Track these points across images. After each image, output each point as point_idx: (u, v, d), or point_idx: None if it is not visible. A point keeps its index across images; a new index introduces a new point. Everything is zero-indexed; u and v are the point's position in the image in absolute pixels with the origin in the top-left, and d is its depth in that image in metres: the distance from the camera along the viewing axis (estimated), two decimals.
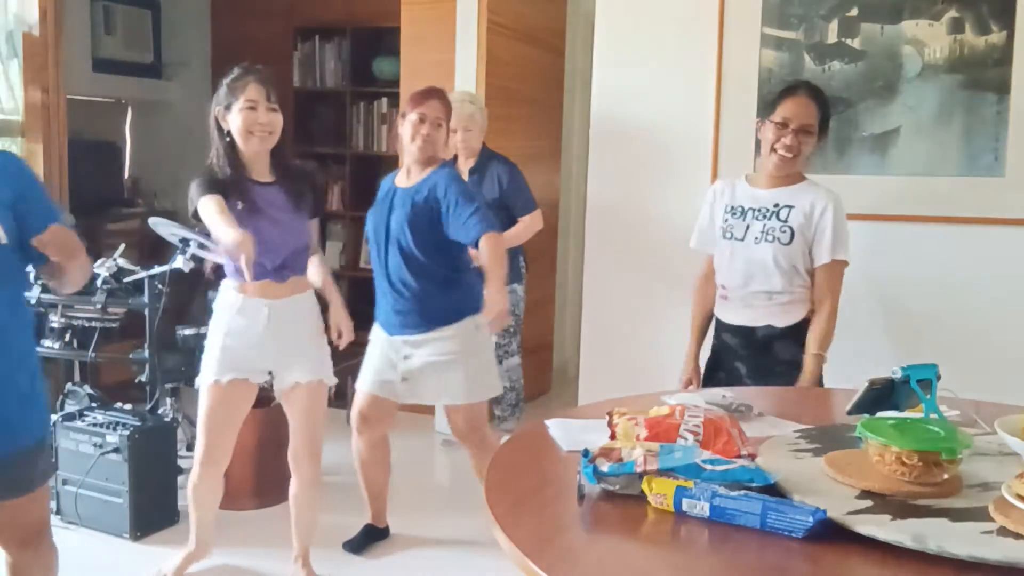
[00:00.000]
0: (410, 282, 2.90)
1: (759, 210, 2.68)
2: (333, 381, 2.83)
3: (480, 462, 3.11)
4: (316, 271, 2.84)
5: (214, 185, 2.57)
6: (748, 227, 2.68)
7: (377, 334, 3.06)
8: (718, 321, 2.82)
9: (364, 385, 3.07)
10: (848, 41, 3.40)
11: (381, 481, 3.28)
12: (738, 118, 3.54)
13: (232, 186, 2.60)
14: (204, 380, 2.72)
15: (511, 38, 4.73)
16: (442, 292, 2.92)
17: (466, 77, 4.51)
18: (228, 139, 2.64)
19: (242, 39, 6.10)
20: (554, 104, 5.40)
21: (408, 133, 2.89)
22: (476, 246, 2.79)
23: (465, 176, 3.80)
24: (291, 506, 2.92)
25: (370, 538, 3.29)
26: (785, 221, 2.64)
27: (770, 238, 2.64)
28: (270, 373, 2.76)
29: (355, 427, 3.14)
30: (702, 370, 2.88)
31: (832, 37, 3.42)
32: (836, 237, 2.63)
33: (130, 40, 6.19)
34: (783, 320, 2.68)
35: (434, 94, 2.92)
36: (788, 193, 2.67)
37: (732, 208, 2.73)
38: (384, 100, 6.05)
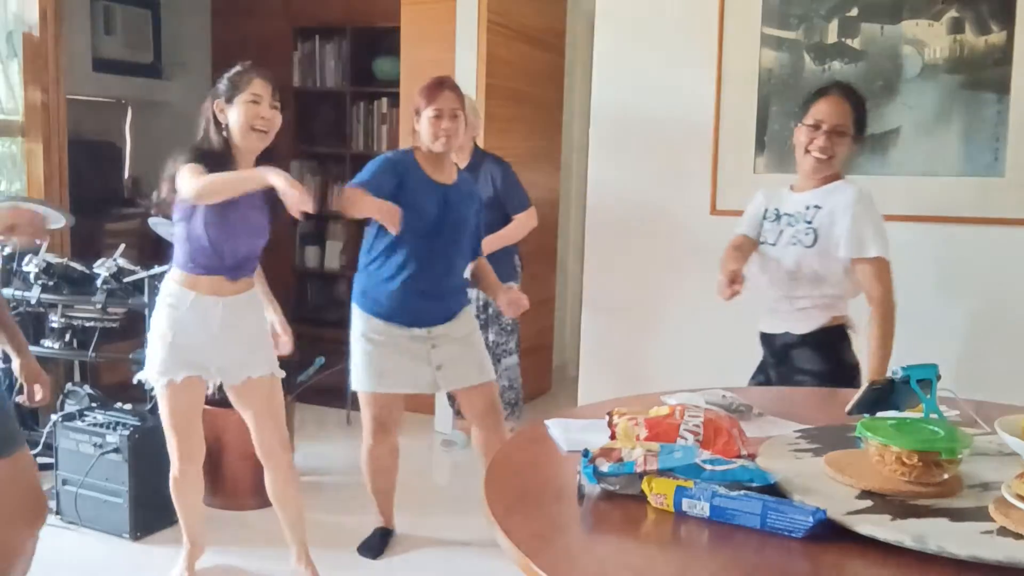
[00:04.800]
0: (455, 272, 2.99)
1: (793, 215, 2.61)
2: (282, 374, 2.82)
3: (492, 446, 3.01)
4: (258, 279, 2.86)
5: (202, 156, 2.51)
6: (781, 232, 2.61)
7: (390, 329, 2.95)
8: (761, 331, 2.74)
9: (383, 387, 2.98)
10: (848, 41, 3.41)
11: (393, 484, 3.28)
12: (738, 118, 3.54)
13: (218, 169, 2.50)
14: (157, 379, 2.67)
15: (511, 38, 4.73)
16: (463, 281, 3.08)
17: (466, 77, 4.51)
18: (224, 133, 2.60)
19: (242, 39, 6.10)
20: (554, 104, 5.40)
21: (428, 131, 2.88)
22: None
23: None
24: (275, 505, 2.91)
25: (384, 540, 3.28)
26: (810, 223, 2.56)
27: (794, 241, 2.57)
28: (219, 370, 2.72)
29: (374, 435, 3.07)
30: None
31: (832, 37, 3.42)
32: (864, 232, 2.50)
33: (130, 40, 6.19)
34: (800, 327, 2.59)
35: (445, 84, 2.93)
36: (819, 195, 2.58)
37: (771, 213, 2.67)
38: (384, 100, 6.05)
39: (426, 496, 3.86)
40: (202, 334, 2.64)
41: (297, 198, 2.31)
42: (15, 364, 2.36)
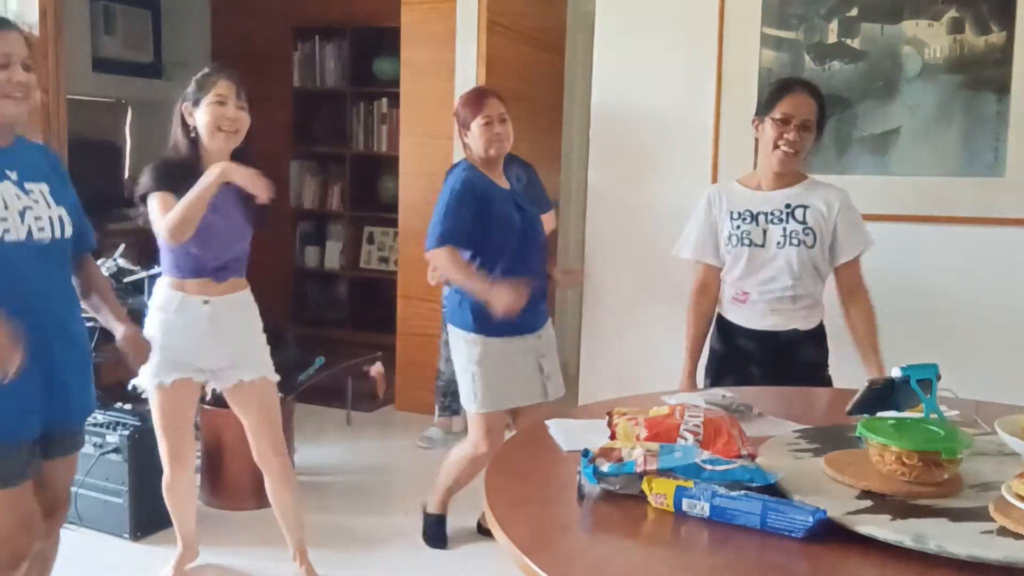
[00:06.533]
0: (543, 270, 3.07)
1: (771, 213, 2.62)
2: (276, 378, 2.79)
3: None
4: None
5: (168, 174, 2.54)
6: (765, 232, 2.61)
7: (506, 345, 2.96)
8: (731, 325, 2.72)
9: (508, 402, 3.00)
10: (848, 41, 3.41)
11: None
12: (738, 118, 3.54)
13: (188, 178, 2.51)
14: (147, 382, 2.67)
15: (511, 38, 4.73)
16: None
17: (466, 77, 4.51)
18: (192, 135, 2.62)
19: (242, 39, 6.11)
20: (554, 104, 5.39)
21: (481, 140, 2.91)
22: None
23: None
24: (274, 507, 2.90)
25: (443, 526, 3.33)
26: (804, 222, 2.59)
27: (795, 241, 2.59)
28: (211, 372, 2.71)
29: (490, 445, 3.00)
30: (699, 379, 2.80)
31: (832, 37, 3.42)
32: (857, 231, 2.63)
33: (130, 40, 6.20)
34: (807, 323, 2.65)
35: (488, 93, 3.03)
36: (798, 193, 2.63)
37: (740, 214, 2.64)
38: (384, 100, 6.05)
39: (425, 496, 3.85)
40: (191, 335, 2.63)
41: (259, 186, 2.43)
42: (119, 334, 2.30)
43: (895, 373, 1.72)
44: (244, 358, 2.71)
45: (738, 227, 2.64)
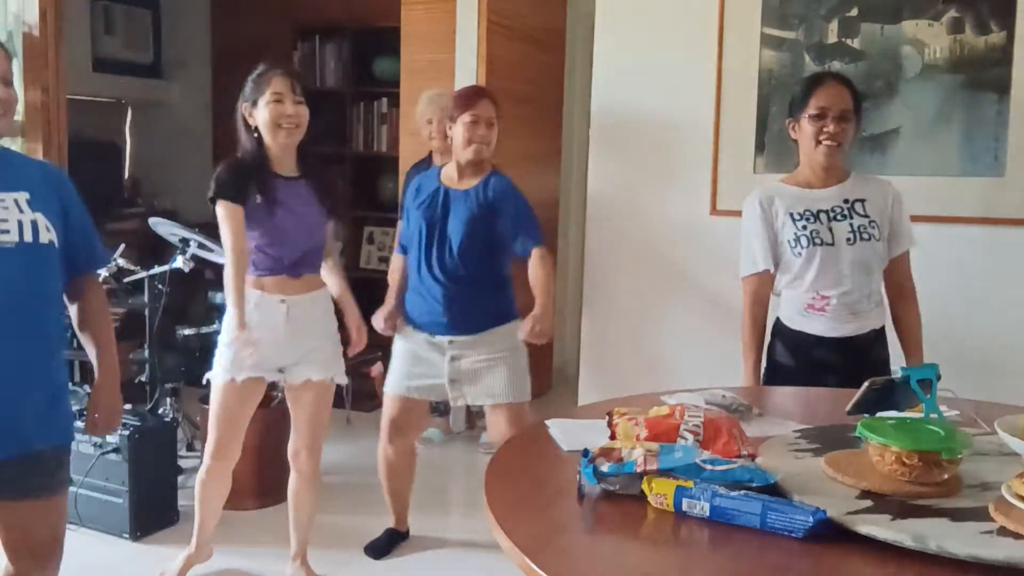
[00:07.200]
0: (464, 283, 2.89)
1: (831, 210, 2.52)
2: (344, 381, 2.83)
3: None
4: (332, 277, 2.83)
5: (237, 176, 2.61)
6: (832, 229, 2.51)
7: (411, 336, 2.99)
8: (804, 336, 2.56)
9: (398, 390, 3.01)
10: (848, 41, 3.41)
11: (407, 487, 3.27)
12: (738, 118, 3.54)
13: (254, 178, 2.63)
14: (219, 376, 2.70)
15: (511, 38, 4.73)
16: (493, 293, 2.96)
17: (466, 77, 4.51)
18: (256, 135, 2.66)
19: (242, 39, 6.10)
20: (554, 104, 5.39)
21: (462, 136, 2.88)
22: (526, 257, 2.88)
23: None
24: (290, 503, 2.92)
25: (392, 542, 3.27)
26: (867, 216, 2.52)
27: (865, 236, 2.51)
28: (281, 370, 2.75)
29: (386, 435, 3.09)
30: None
31: (832, 37, 3.42)
32: (908, 224, 2.61)
33: (130, 40, 6.19)
34: (879, 320, 2.59)
35: (482, 93, 2.96)
36: (852, 187, 2.56)
37: (802, 214, 2.52)
38: (384, 100, 6.05)
39: (424, 496, 3.85)
40: (267, 332, 2.66)
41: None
42: (95, 389, 2.21)
43: (895, 373, 1.72)
44: (315, 358, 2.74)
45: (804, 227, 2.51)
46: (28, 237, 1.93)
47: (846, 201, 2.55)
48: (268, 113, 2.61)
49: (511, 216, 2.89)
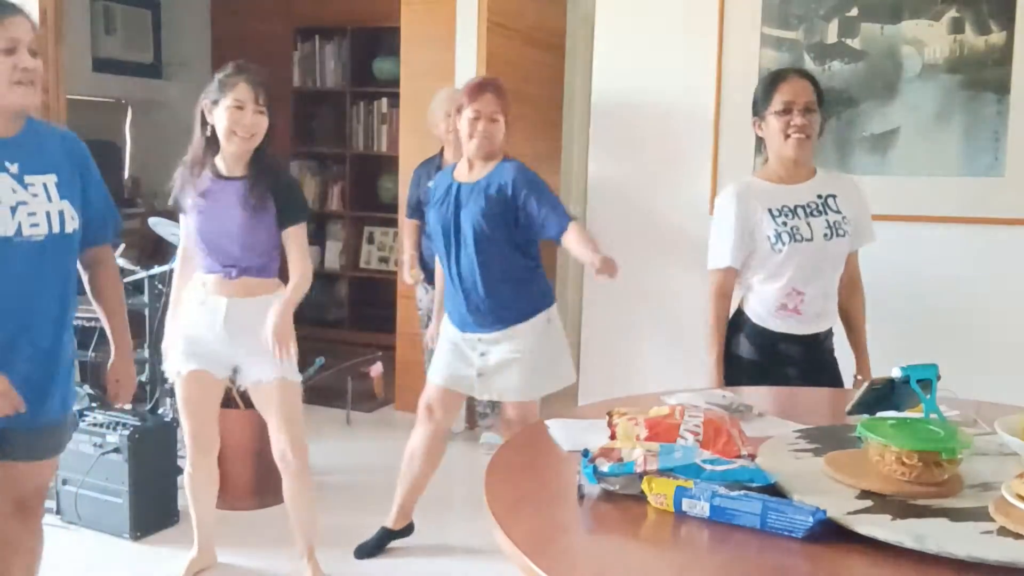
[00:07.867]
0: (483, 280, 2.86)
1: (806, 206, 2.51)
2: (297, 379, 2.80)
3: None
4: (292, 283, 2.72)
5: (180, 182, 2.71)
6: (810, 225, 2.50)
7: (449, 328, 3.02)
8: (770, 333, 2.57)
9: (437, 378, 3.04)
10: (848, 41, 3.41)
11: (425, 475, 3.20)
12: (738, 118, 3.54)
13: (190, 181, 2.69)
14: (172, 370, 2.80)
15: (511, 38, 4.73)
16: (515, 290, 2.92)
17: (466, 77, 4.50)
18: (209, 133, 2.66)
19: (242, 39, 6.10)
20: (554, 104, 5.39)
21: (465, 130, 2.88)
22: (559, 240, 2.79)
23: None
24: (287, 506, 2.92)
25: (383, 542, 3.25)
26: (840, 212, 2.52)
27: (840, 232, 2.51)
28: (234, 369, 2.78)
29: (421, 417, 3.10)
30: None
31: (832, 37, 3.42)
32: (869, 219, 2.63)
33: (130, 40, 6.20)
34: (835, 318, 2.64)
35: (488, 87, 2.91)
36: (823, 183, 2.56)
37: (780, 210, 2.50)
38: (384, 100, 6.06)
39: (424, 496, 3.85)
40: (206, 331, 2.71)
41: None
42: (110, 362, 2.36)
43: (895, 373, 1.72)
44: (260, 360, 2.72)
45: (784, 223, 2.49)
46: (56, 228, 2.05)
47: (819, 196, 2.54)
48: (226, 119, 2.59)
49: (532, 200, 2.80)
